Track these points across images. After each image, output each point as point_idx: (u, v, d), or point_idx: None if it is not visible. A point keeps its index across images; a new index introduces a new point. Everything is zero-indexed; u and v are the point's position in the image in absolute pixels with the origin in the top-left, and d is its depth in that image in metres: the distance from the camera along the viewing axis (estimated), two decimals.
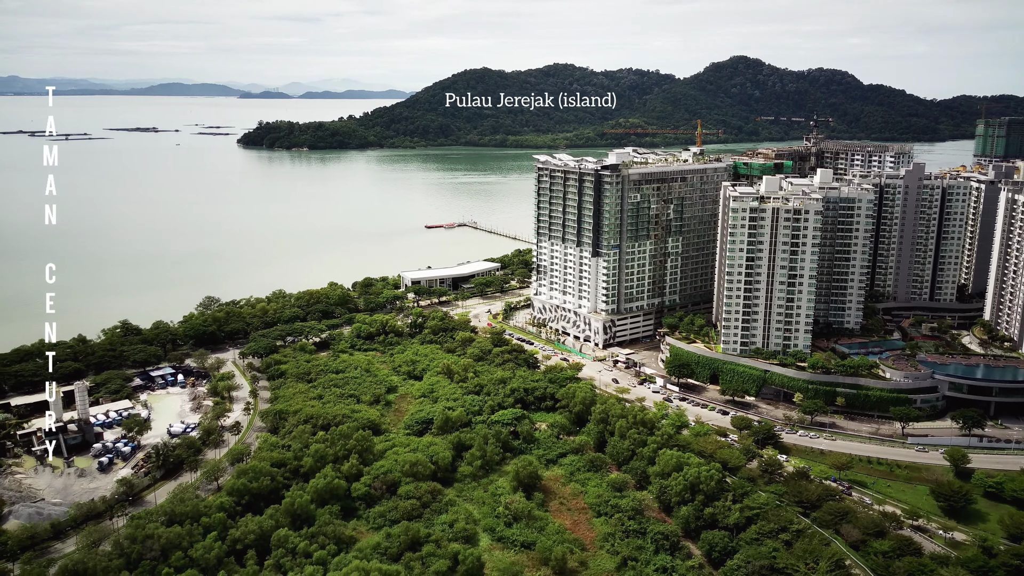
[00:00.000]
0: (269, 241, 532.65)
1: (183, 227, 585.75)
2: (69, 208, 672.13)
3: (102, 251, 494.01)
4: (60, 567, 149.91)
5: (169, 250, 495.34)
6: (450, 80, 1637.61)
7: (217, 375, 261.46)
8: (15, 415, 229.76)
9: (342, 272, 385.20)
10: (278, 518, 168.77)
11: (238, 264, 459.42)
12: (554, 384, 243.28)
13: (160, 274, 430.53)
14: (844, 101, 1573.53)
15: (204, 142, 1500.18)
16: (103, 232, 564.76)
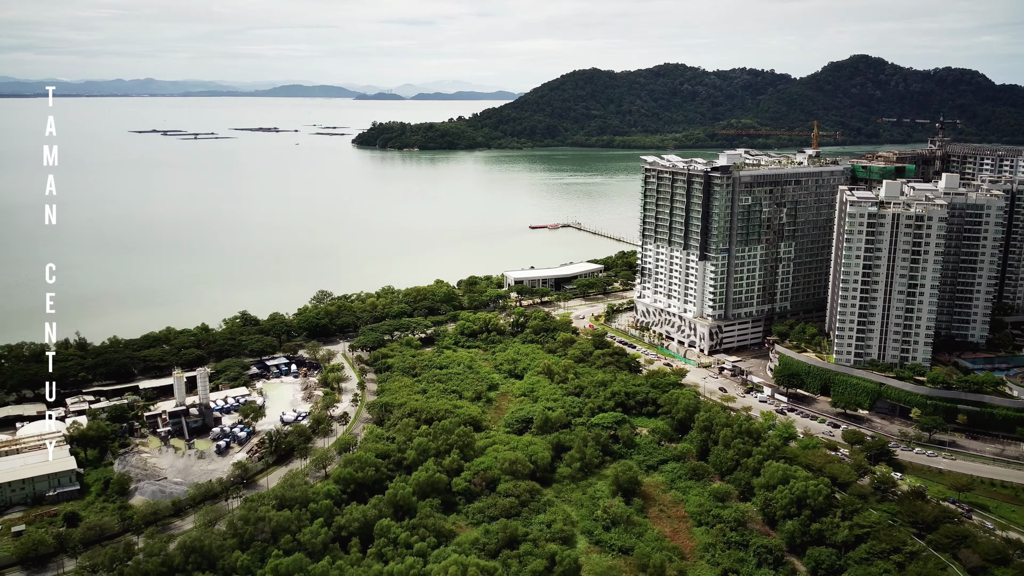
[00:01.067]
0: (380, 238, 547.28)
1: (300, 224, 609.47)
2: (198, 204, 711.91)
3: (226, 245, 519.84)
4: (179, 543, 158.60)
5: (287, 245, 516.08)
6: (559, 81, 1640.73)
7: (328, 366, 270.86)
8: (143, 398, 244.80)
9: (448, 270, 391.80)
10: (381, 508, 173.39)
11: (350, 260, 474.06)
12: (656, 389, 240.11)
13: (277, 268, 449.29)
14: (973, 102, 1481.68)
15: (321, 142, 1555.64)
16: (227, 226, 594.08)
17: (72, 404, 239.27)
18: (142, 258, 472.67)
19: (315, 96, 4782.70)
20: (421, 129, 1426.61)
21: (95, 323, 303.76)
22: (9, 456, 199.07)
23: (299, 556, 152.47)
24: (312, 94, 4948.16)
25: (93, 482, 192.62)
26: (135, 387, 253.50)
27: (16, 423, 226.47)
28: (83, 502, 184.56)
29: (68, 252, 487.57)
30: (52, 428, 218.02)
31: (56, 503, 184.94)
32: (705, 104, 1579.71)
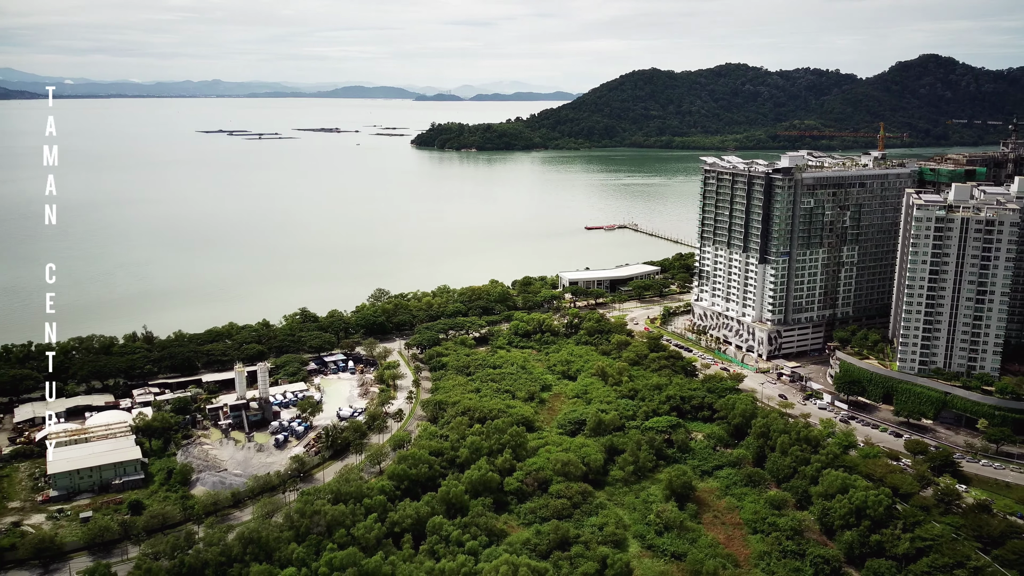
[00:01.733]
0: (436, 238, 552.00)
1: (359, 223, 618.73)
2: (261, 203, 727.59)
3: (287, 243, 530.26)
4: (238, 533, 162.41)
5: (346, 244, 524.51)
6: (617, 81, 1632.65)
7: (384, 364, 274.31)
8: (206, 391, 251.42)
9: (503, 270, 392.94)
10: (434, 505, 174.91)
11: (407, 259, 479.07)
12: (712, 394, 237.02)
13: (337, 266, 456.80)
14: None
15: (381, 142, 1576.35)
16: (289, 225, 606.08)
17: (138, 395, 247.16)
18: (207, 255, 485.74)
19: (376, 97, 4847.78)
20: (479, 130, 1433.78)
21: (161, 317, 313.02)
22: (78, 444, 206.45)
23: (353, 550, 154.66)
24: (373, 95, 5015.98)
25: (157, 472, 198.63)
26: (198, 380, 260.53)
27: (86, 412, 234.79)
28: (147, 491, 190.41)
29: (137, 248, 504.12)
30: (119, 418, 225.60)
31: (122, 491, 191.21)
32: (767, 105, 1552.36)
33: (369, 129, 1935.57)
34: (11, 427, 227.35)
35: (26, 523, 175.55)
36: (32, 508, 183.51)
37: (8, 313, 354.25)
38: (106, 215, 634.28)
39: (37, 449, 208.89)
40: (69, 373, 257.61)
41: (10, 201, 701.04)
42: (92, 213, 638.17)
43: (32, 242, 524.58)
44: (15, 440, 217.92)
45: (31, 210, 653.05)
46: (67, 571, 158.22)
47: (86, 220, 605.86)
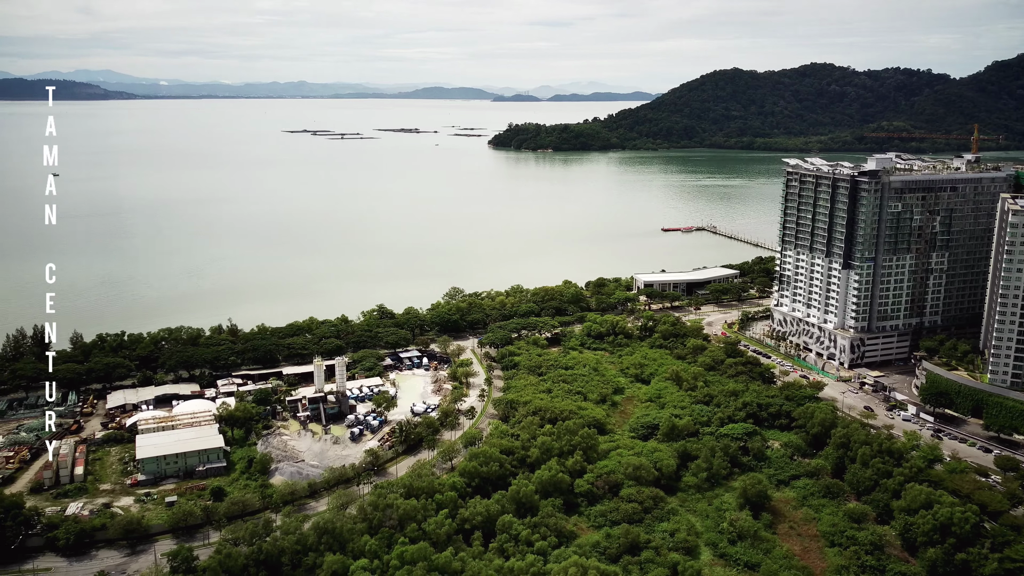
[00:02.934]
0: (510, 238, 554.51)
1: (436, 222, 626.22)
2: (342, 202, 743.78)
3: (366, 241, 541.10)
4: (313, 523, 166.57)
5: (423, 242, 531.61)
6: (698, 81, 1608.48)
7: (457, 361, 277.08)
8: (286, 383, 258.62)
9: (576, 271, 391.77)
10: (504, 504, 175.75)
11: (482, 258, 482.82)
12: (791, 402, 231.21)
13: (413, 264, 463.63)
14: None
15: (458, 143, 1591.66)
16: (368, 223, 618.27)
17: (222, 386, 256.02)
18: (290, 252, 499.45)
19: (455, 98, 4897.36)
20: (556, 130, 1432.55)
21: (246, 311, 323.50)
22: (165, 431, 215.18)
23: (424, 545, 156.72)
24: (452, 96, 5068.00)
25: (238, 460, 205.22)
26: (279, 372, 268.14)
27: (173, 401, 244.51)
28: (228, 478, 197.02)
29: (225, 244, 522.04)
30: (204, 407, 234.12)
31: (205, 477, 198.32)
32: (853, 105, 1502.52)
33: (447, 130, 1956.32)
34: (104, 413, 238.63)
35: (116, 505, 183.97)
36: (122, 491, 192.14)
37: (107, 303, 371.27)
38: (196, 212, 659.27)
39: (127, 434, 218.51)
40: (158, 363, 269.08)
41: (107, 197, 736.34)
42: (183, 210, 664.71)
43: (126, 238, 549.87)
44: (107, 425, 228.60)
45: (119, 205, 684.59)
46: (152, 552, 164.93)
47: (178, 217, 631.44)
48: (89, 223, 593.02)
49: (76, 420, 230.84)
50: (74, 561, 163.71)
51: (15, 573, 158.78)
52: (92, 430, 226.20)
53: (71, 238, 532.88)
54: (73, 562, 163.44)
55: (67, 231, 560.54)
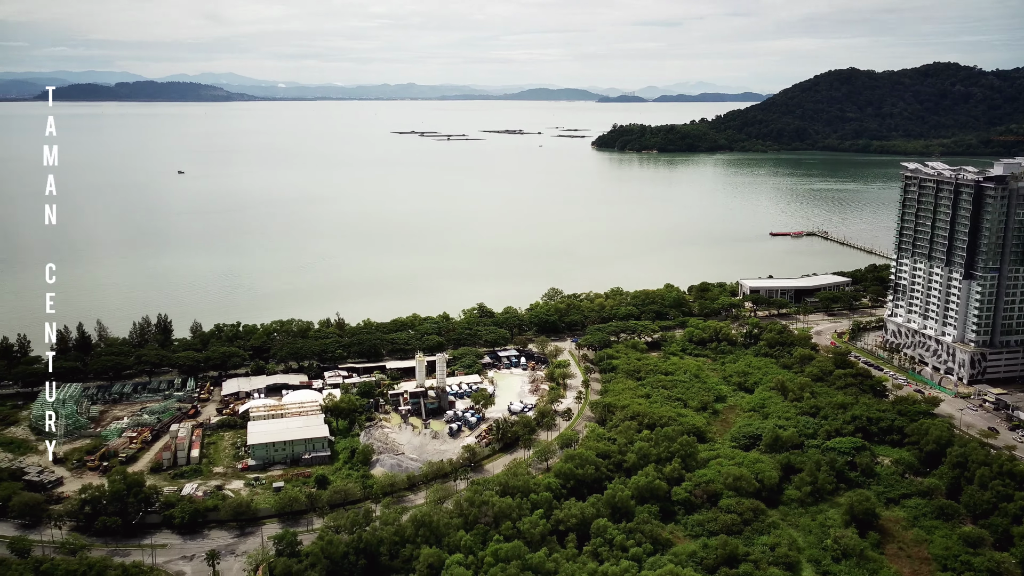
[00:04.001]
0: (611, 239, 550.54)
1: (537, 222, 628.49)
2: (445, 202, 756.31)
3: (468, 240, 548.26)
4: (411, 515, 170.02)
5: (523, 243, 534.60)
6: (811, 82, 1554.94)
7: (555, 362, 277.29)
8: (389, 377, 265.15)
9: (679, 274, 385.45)
10: (599, 507, 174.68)
11: (582, 259, 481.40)
12: (903, 417, 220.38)
13: (514, 264, 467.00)
14: None
15: (562, 144, 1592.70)
16: (470, 223, 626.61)
17: (329, 377, 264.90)
18: (395, 250, 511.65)
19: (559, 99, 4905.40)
20: (661, 131, 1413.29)
21: (352, 306, 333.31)
22: (275, 419, 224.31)
23: (518, 544, 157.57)
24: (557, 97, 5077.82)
25: (342, 450, 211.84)
26: (382, 366, 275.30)
27: (283, 390, 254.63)
28: (332, 467, 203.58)
29: (334, 242, 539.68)
30: (311, 398, 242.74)
31: (310, 465, 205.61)
32: (980, 107, 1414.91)
33: (551, 131, 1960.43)
34: (219, 399, 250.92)
35: (227, 487, 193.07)
36: (233, 474, 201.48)
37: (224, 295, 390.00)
38: (309, 210, 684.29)
39: (240, 421, 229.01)
40: (270, 353, 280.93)
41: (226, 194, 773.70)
42: (297, 208, 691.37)
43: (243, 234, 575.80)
44: (222, 411, 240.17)
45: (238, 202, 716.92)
46: (259, 535, 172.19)
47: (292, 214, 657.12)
48: (211, 219, 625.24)
49: (194, 405, 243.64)
50: (188, 539, 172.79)
51: (135, 546, 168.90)
52: (208, 415, 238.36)
53: (193, 233, 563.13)
54: (187, 540, 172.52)
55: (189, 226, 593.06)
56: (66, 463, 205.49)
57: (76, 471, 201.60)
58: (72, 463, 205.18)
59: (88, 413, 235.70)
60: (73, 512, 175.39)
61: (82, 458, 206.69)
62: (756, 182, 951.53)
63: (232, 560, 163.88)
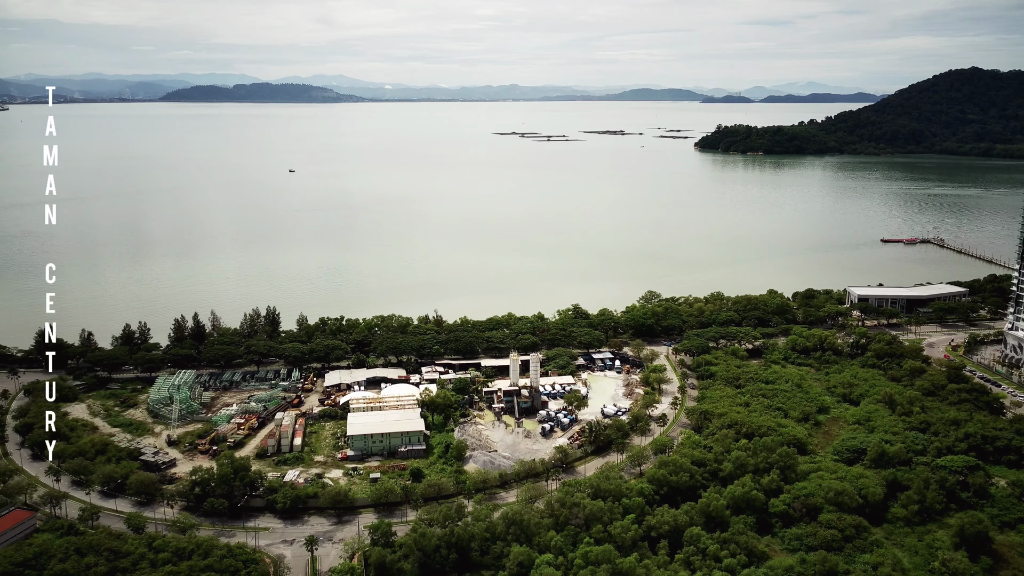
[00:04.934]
0: (712, 243, 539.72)
1: (635, 224, 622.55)
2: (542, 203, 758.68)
3: (565, 241, 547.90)
4: (503, 513, 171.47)
5: (621, 244, 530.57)
6: (929, 82, 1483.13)
7: (650, 366, 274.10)
8: (483, 374, 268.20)
9: (783, 280, 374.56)
10: (692, 515, 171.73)
11: (681, 263, 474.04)
12: (1022, 436, 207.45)
13: (610, 266, 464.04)
14: None
15: (664, 144, 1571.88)
16: (567, 224, 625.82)
17: (426, 373, 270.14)
18: (493, 249, 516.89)
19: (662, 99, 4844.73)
20: (767, 133, 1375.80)
21: (450, 303, 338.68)
22: (373, 412, 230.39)
23: (609, 547, 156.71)
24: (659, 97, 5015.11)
25: (436, 444, 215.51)
26: (477, 364, 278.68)
27: (381, 384, 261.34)
28: (426, 461, 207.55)
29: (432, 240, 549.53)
30: (409, 392, 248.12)
31: (405, 458, 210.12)
32: None
33: (653, 131, 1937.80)
34: (322, 390, 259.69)
35: (327, 476, 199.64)
36: (332, 464, 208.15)
37: (329, 290, 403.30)
38: (410, 209, 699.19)
39: (340, 412, 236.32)
40: (371, 347, 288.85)
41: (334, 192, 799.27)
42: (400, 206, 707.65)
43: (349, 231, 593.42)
44: (323, 402, 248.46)
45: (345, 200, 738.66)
46: (356, 524, 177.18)
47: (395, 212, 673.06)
48: (319, 216, 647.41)
49: (298, 395, 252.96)
50: (288, 524, 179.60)
51: (239, 528, 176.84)
52: (311, 405, 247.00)
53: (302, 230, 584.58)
54: (288, 524, 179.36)
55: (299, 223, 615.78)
56: (179, 446, 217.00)
57: (188, 454, 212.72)
58: (184, 446, 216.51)
59: (200, 399, 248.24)
60: (184, 492, 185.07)
61: (194, 442, 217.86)
62: (867, 186, 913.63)
63: (329, 547, 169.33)
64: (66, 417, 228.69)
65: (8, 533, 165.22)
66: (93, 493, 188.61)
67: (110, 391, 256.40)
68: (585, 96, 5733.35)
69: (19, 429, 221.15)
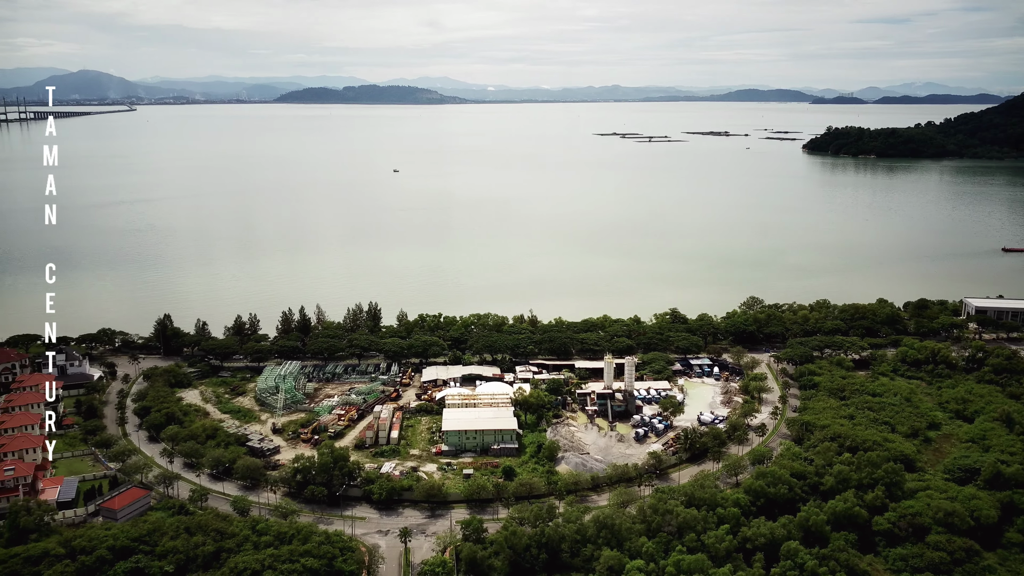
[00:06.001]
0: (819, 248, 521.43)
1: (737, 227, 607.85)
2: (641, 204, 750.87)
3: (663, 244, 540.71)
4: (593, 516, 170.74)
5: (721, 248, 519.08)
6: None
7: (750, 374, 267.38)
8: (577, 376, 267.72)
9: (893, 289, 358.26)
10: (790, 529, 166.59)
11: (785, 268, 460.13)
12: None
13: (710, 270, 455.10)
14: None
15: (770, 146, 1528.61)
16: (666, 226, 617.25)
17: (519, 372, 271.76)
18: (589, 250, 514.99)
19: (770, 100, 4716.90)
20: (881, 135, 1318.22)
21: (545, 303, 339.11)
22: (468, 408, 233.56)
23: (702, 557, 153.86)
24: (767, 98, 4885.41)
25: (528, 444, 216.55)
26: (571, 365, 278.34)
27: (476, 381, 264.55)
28: (518, 460, 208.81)
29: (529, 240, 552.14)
30: (502, 390, 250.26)
31: (498, 456, 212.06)
32: None
33: (759, 133, 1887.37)
34: (419, 385, 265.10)
35: (422, 470, 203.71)
36: (427, 458, 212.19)
37: (428, 287, 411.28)
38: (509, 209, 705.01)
39: (436, 407, 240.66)
40: (467, 345, 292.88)
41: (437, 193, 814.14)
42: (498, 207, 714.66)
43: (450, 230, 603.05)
44: (420, 397, 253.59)
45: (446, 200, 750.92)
46: (448, 518, 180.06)
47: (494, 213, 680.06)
48: (421, 216, 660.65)
49: (396, 389, 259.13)
50: (384, 515, 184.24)
51: (337, 516, 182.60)
52: (408, 399, 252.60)
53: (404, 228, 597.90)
54: (383, 515, 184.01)
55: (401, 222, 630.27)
56: (283, 434, 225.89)
57: (291, 442, 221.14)
58: (288, 434, 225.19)
59: (304, 389, 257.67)
60: (286, 479, 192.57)
61: (297, 430, 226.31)
62: (989, 192, 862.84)
63: (422, 539, 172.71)
64: (180, 402, 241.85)
65: (126, 509, 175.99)
66: (203, 475, 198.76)
67: (221, 379, 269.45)
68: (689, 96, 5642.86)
69: (138, 412, 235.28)
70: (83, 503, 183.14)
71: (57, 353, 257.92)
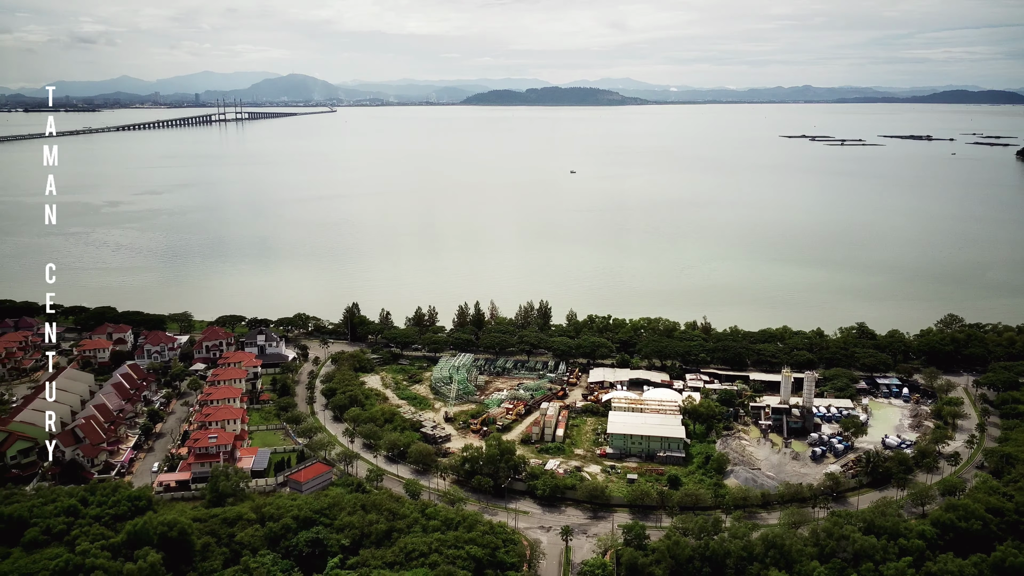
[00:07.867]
0: None
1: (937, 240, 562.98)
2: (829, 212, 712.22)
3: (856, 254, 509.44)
4: (762, 534, 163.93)
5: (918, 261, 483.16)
6: None
7: (944, 398, 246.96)
8: (751, 388, 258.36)
9: None
10: (983, 569, 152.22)
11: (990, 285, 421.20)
12: None
13: (905, 284, 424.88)
14: None
15: (980, 152, 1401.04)
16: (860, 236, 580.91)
17: (690, 380, 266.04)
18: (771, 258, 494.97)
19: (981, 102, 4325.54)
20: None
21: (720, 311, 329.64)
22: (634, 413, 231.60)
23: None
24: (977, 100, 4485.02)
25: (696, 454, 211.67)
26: (745, 376, 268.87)
27: (644, 386, 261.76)
28: (685, 469, 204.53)
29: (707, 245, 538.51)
30: (671, 397, 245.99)
31: (664, 464, 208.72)
32: None
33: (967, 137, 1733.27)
34: (585, 385, 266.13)
35: (585, 470, 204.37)
36: (591, 459, 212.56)
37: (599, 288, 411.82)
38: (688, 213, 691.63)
39: (602, 409, 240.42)
40: (635, 348, 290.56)
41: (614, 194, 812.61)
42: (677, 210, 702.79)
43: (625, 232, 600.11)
44: (586, 397, 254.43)
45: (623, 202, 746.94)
46: (610, 521, 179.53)
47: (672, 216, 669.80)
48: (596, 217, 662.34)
49: (563, 387, 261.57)
50: (546, 511, 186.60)
51: (501, 508, 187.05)
52: (574, 399, 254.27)
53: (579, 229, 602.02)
54: (546, 511, 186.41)
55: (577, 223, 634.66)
56: (454, 423, 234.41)
57: (461, 431, 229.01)
58: (459, 424, 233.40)
59: (476, 382, 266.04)
60: (455, 467, 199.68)
61: (467, 421, 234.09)
62: None
63: (583, 539, 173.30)
64: (363, 386, 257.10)
65: (311, 482, 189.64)
66: (379, 457, 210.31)
67: (400, 366, 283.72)
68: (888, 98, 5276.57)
69: (325, 392, 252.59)
70: (273, 473, 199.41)
71: (258, 334, 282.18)
